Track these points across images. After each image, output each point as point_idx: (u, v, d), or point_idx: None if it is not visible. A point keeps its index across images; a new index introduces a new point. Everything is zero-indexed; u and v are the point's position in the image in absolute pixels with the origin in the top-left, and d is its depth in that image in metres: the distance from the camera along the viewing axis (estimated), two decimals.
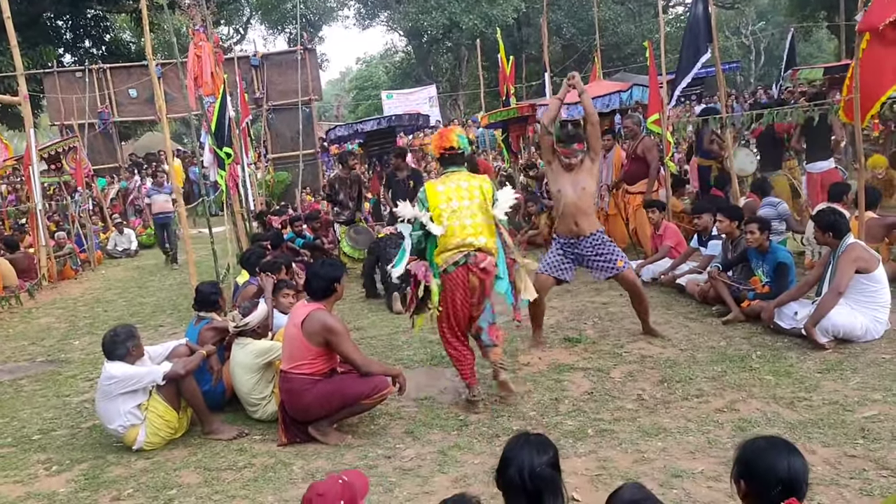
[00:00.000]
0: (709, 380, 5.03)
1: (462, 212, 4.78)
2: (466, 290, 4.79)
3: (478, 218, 4.79)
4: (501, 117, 14.03)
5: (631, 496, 2.26)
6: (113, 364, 4.70)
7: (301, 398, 4.55)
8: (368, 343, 6.78)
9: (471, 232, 4.75)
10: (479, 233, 4.76)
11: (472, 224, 4.77)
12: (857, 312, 5.37)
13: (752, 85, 37.32)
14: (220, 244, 9.72)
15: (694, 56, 8.57)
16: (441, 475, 4.02)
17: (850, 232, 5.57)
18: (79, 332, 8.64)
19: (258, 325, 5.18)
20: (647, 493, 2.30)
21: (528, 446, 2.52)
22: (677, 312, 6.74)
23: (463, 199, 4.81)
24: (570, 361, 5.72)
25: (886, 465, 3.63)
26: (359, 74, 53.84)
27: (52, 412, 5.77)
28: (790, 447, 2.33)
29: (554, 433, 4.43)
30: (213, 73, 9.27)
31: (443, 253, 4.78)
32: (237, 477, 4.25)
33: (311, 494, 2.55)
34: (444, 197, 4.82)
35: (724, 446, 4.02)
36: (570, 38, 32.78)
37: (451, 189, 4.86)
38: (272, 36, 42.04)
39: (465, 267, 4.74)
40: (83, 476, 4.45)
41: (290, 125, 21.22)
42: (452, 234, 4.76)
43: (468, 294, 4.80)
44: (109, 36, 27.20)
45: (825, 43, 42.09)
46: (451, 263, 4.75)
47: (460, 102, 36.12)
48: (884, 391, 4.51)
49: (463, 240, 4.74)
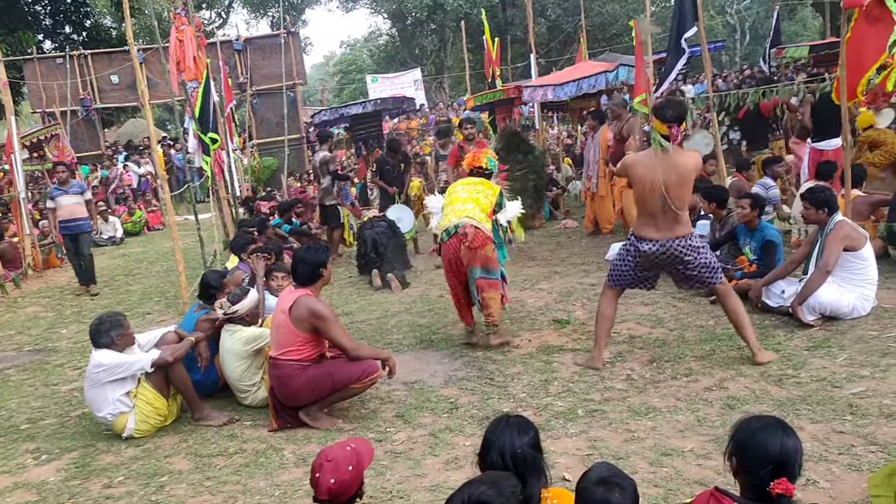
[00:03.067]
0: (697, 359, 5.06)
1: (460, 196, 5.73)
2: (458, 258, 5.57)
3: (469, 204, 5.64)
4: (488, 99, 14.00)
5: (599, 475, 2.27)
6: (100, 352, 4.67)
7: (290, 384, 4.53)
8: (357, 328, 6.77)
9: (460, 209, 5.62)
10: (464, 210, 5.60)
11: (465, 198, 5.68)
12: (844, 290, 5.39)
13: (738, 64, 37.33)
14: (207, 231, 9.66)
15: (679, 32, 8.54)
16: (432, 458, 4.03)
17: (838, 210, 5.59)
18: (66, 320, 8.57)
19: (247, 312, 5.14)
20: (615, 470, 2.31)
21: (508, 428, 2.53)
22: (665, 293, 6.75)
23: (465, 191, 5.77)
24: (559, 343, 5.74)
25: (874, 441, 3.66)
26: (343, 58, 53.44)
27: (40, 401, 5.73)
28: (785, 428, 2.33)
29: (544, 414, 4.45)
30: (196, 57, 9.16)
31: (440, 228, 5.76)
32: (228, 463, 4.24)
33: (321, 460, 2.63)
34: (454, 189, 5.90)
35: (714, 424, 4.05)
36: (556, 19, 32.61)
37: (463, 182, 5.93)
38: (255, 20, 41.64)
39: (456, 237, 5.53)
40: (73, 465, 4.42)
41: (274, 110, 21.08)
42: (448, 217, 5.69)
43: (460, 260, 5.57)
44: (90, 21, 26.79)
45: (810, 21, 42.09)
46: (444, 232, 5.64)
47: (446, 85, 35.94)
48: (871, 367, 4.55)
49: (451, 218, 5.63)
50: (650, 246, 4.80)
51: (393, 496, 3.64)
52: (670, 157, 4.70)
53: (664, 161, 4.70)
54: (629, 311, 6.30)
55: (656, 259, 4.84)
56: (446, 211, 5.77)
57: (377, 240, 8.65)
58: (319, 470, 2.61)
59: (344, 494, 2.59)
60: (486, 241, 5.50)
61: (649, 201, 4.76)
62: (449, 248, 5.60)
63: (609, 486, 2.22)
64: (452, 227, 5.55)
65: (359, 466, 2.64)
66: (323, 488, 2.59)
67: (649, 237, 4.80)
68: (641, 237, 4.84)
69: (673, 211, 4.70)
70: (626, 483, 2.24)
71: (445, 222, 5.68)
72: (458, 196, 5.75)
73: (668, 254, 4.79)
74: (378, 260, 8.62)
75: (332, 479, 2.57)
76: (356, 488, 2.63)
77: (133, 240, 16.00)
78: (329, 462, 2.60)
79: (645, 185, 4.74)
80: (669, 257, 4.80)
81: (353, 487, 2.61)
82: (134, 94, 19.63)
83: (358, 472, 2.63)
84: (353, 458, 2.64)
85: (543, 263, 8.58)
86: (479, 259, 5.51)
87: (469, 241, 5.44)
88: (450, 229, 5.58)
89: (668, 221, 4.75)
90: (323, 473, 2.59)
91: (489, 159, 5.96)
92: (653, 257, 4.83)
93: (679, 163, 4.71)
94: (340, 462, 2.60)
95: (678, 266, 4.87)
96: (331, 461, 2.60)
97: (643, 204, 4.84)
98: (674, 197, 4.68)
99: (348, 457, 2.63)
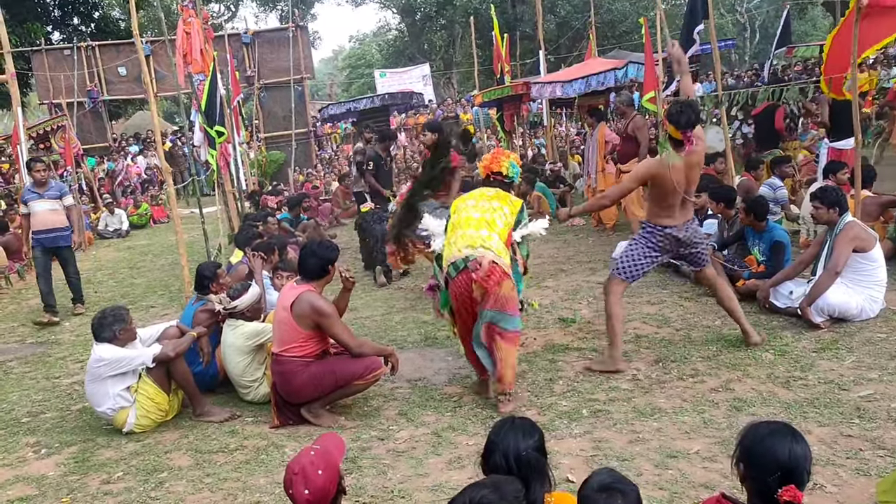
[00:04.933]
0: (704, 359, 5.00)
1: (469, 221, 4.63)
2: (471, 297, 4.53)
3: (483, 225, 4.60)
4: (496, 96, 13.92)
5: (601, 481, 2.22)
6: (102, 346, 4.64)
7: (293, 380, 4.50)
8: (362, 324, 6.73)
9: (468, 239, 4.55)
10: (480, 238, 4.54)
11: (478, 235, 4.55)
12: (853, 291, 5.33)
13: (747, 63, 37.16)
14: (212, 224, 9.63)
15: (689, 28, 8.48)
16: (435, 457, 3.99)
17: (847, 211, 5.53)
18: (69, 313, 8.55)
19: (248, 308, 5.10)
20: (618, 476, 2.26)
21: (513, 430, 2.49)
22: (672, 292, 6.71)
23: (476, 209, 4.69)
24: (564, 341, 5.69)
25: (883, 445, 3.61)
26: (352, 53, 53.44)
27: (41, 394, 5.71)
28: (794, 434, 2.28)
29: (548, 414, 4.40)
30: (203, 50, 9.13)
31: (445, 260, 4.69)
32: (229, 459, 4.21)
33: (289, 475, 2.54)
34: (462, 206, 4.77)
35: (720, 426, 4.00)
36: (565, 16, 32.49)
37: (474, 195, 4.84)
38: (264, 13, 41.71)
39: (465, 273, 4.49)
40: (72, 459, 4.40)
41: (282, 104, 21.05)
42: (450, 243, 4.67)
43: (472, 300, 4.55)
44: (98, 13, 26.80)
45: (819, 21, 41.88)
46: (451, 265, 4.58)
47: (454, 81, 35.90)
48: (879, 370, 4.49)
49: (460, 247, 4.55)
50: (674, 231, 4.96)
51: (394, 496, 3.60)
52: (689, 158, 4.80)
53: (686, 163, 4.80)
54: (635, 310, 6.25)
55: (680, 241, 5.01)
56: (454, 235, 4.65)
57: (381, 251, 8.49)
58: (291, 485, 2.51)
59: (324, 499, 2.51)
60: (503, 278, 4.46)
61: (671, 198, 4.90)
62: (458, 284, 4.54)
63: (611, 493, 2.17)
64: (461, 261, 4.50)
65: (329, 467, 2.53)
66: (301, 501, 2.49)
67: (672, 224, 4.96)
68: (665, 225, 4.97)
69: (687, 200, 4.94)
70: (629, 489, 2.20)
71: (453, 251, 4.59)
72: (470, 216, 4.65)
73: (689, 234, 5.00)
74: (383, 257, 8.54)
75: (306, 489, 2.48)
76: (334, 489, 2.55)
77: (139, 232, 15.99)
78: (297, 475, 2.49)
79: (667, 187, 4.85)
80: (689, 237, 5.00)
81: (331, 489, 2.53)
82: (141, 87, 19.57)
83: (330, 474, 2.52)
84: (319, 461, 2.53)
85: (550, 261, 8.53)
86: (493, 300, 4.46)
87: (481, 277, 4.41)
88: (458, 263, 4.52)
89: (684, 209, 4.98)
90: (295, 487, 2.49)
91: (511, 164, 4.94)
92: (676, 240, 5.00)
93: (692, 161, 4.84)
94: (308, 470, 2.49)
95: (690, 247, 5.05)
96: (298, 473, 2.49)
97: (664, 200, 4.95)
98: (690, 191, 4.95)
99: (315, 462, 2.52)
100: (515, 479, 2.25)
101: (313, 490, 2.50)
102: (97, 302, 8.73)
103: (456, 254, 4.55)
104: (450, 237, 4.69)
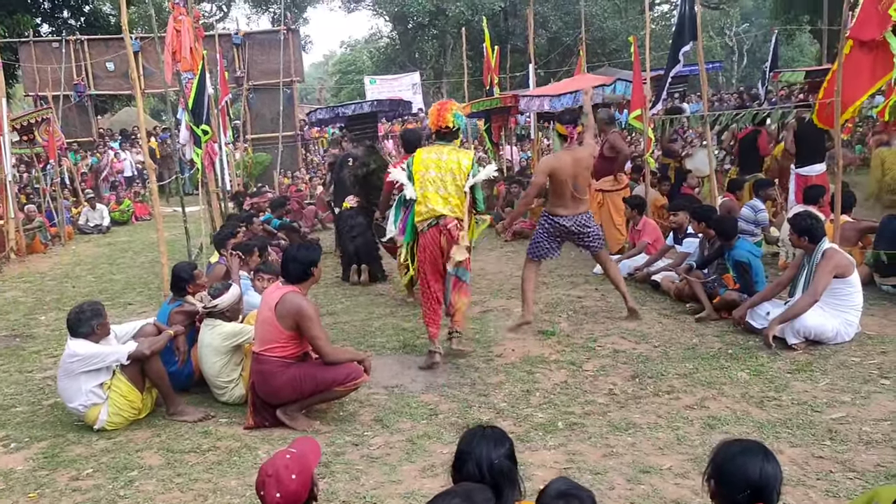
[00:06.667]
0: (680, 376, 5.03)
1: (435, 182, 5.46)
2: (438, 247, 5.50)
3: (449, 188, 5.45)
4: (484, 107, 13.94)
5: (558, 488, 2.24)
6: (76, 341, 4.59)
7: (272, 381, 4.47)
8: (341, 328, 6.71)
9: (440, 201, 5.43)
10: (447, 202, 5.44)
11: (443, 194, 5.44)
12: (829, 315, 5.38)
13: (735, 85, 37.60)
14: (194, 223, 9.56)
15: (676, 49, 8.56)
16: (409, 464, 3.98)
17: (825, 236, 5.58)
18: (45, 307, 8.46)
19: (228, 307, 5.07)
20: (574, 484, 2.29)
21: (484, 440, 2.49)
22: (651, 308, 6.74)
23: (439, 171, 5.47)
24: (543, 354, 5.70)
25: (853, 468, 3.64)
26: (343, 58, 53.38)
27: (13, 388, 5.63)
28: (766, 453, 2.30)
29: (524, 425, 4.41)
30: (193, 48, 9.09)
31: (418, 216, 5.55)
32: (201, 460, 4.17)
33: (262, 477, 2.53)
34: (424, 166, 5.52)
35: (693, 443, 4.02)
36: (556, 32, 32.68)
37: (432, 160, 5.51)
38: (256, 15, 41.54)
39: (436, 228, 5.46)
40: (42, 454, 4.34)
41: (270, 106, 20.97)
42: (424, 201, 5.47)
43: (439, 250, 5.50)
44: (89, 7, 26.61)
45: (807, 47, 42.40)
46: (425, 225, 5.50)
47: (444, 90, 35.92)
48: (852, 393, 4.54)
49: (434, 206, 5.43)
50: (563, 220, 6.16)
51: (367, 502, 3.59)
52: (575, 153, 6.09)
53: (572, 157, 6.06)
54: (614, 325, 6.28)
55: (569, 229, 6.19)
56: (424, 194, 5.46)
57: (359, 249, 8.59)
58: (263, 487, 2.49)
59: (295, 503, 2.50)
60: (461, 228, 5.48)
61: (562, 190, 6.10)
62: (428, 238, 5.50)
63: (568, 499, 2.20)
64: (434, 220, 5.45)
65: (303, 472, 2.52)
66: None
67: (564, 214, 6.17)
68: (557, 215, 6.19)
69: (577, 195, 6.12)
70: (585, 495, 2.22)
71: (425, 211, 5.46)
72: (431, 178, 5.44)
73: (576, 224, 6.17)
74: (357, 256, 8.65)
75: (277, 493, 2.47)
76: (306, 494, 2.53)
77: (120, 229, 15.86)
78: (270, 477, 2.48)
79: (560, 179, 6.06)
80: (576, 226, 6.17)
81: (303, 494, 2.50)
82: (129, 82, 19.46)
83: (304, 479, 2.51)
84: (294, 465, 2.52)
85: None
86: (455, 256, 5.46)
87: (452, 235, 5.42)
88: (431, 221, 5.46)
89: (575, 203, 6.15)
90: (267, 489, 2.47)
91: (455, 115, 5.58)
92: (566, 228, 6.18)
93: (578, 158, 6.09)
94: (282, 473, 2.48)
95: (581, 236, 6.24)
96: (271, 475, 2.48)
97: (557, 193, 6.15)
98: (579, 187, 6.12)
99: (289, 465, 2.51)
100: (486, 488, 2.25)
101: (285, 494, 2.48)
102: (73, 297, 8.63)
103: (428, 213, 5.47)
104: (421, 195, 5.49)
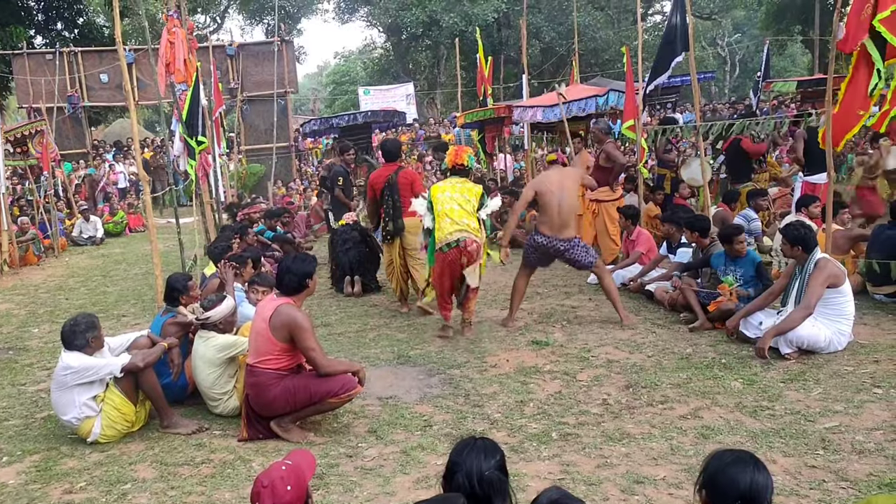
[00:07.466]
0: (674, 386, 5.04)
1: (453, 211, 6.24)
2: (458, 265, 6.26)
3: (465, 207, 6.26)
4: (478, 117, 14.00)
5: (550, 497, 2.24)
6: (70, 354, 4.58)
7: (267, 393, 4.47)
8: (336, 339, 6.71)
9: (458, 225, 6.19)
10: (465, 225, 6.20)
11: (459, 219, 6.21)
12: (822, 324, 5.40)
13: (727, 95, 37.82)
14: (188, 235, 9.56)
15: (668, 57, 8.60)
16: (403, 476, 3.98)
17: (817, 246, 5.60)
18: (38, 319, 8.44)
19: (221, 319, 5.06)
20: (567, 494, 2.28)
21: (475, 451, 2.49)
22: (645, 318, 6.76)
23: (454, 201, 6.30)
24: (537, 364, 5.71)
25: (846, 477, 3.65)
26: (336, 69, 53.52)
27: (6, 401, 5.61)
28: (757, 463, 2.31)
29: (518, 436, 4.41)
30: (186, 60, 9.11)
31: (438, 240, 6.28)
32: (194, 473, 4.16)
33: (257, 488, 2.51)
34: (441, 197, 6.33)
35: (687, 453, 4.03)
36: (549, 42, 32.86)
37: (448, 188, 6.39)
38: (249, 26, 41.66)
39: (457, 248, 6.20)
40: (34, 468, 4.32)
41: (264, 117, 21.02)
42: (442, 227, 6.22)
43: (459, 267, 6.26)
44: (83, 19, 26.63)
45: (799, 57, 42.74)
46: (444, 245, 6.22)
47: (437, 101, 36.07)
48: (845, 402, 4.55)
49: (452, 231, 6.17)
50: (540, 239, 6.57)
51: None
52: (562, 172, 6.72)
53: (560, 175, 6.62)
54: (608, 335, 6.30)
55: (545, 248, 6.59)
56: (442, 221, 6.24)
57: (352, 263, 8.64)
58: (258, 498, 2.48)
59: None
60: (480, 249, 6.35)
61: (548, 210, 6.49)
62: (449, 256, 6.25)
63: None
64: (454, 241, 6.19)
65: (299, 484, 2.51)
66: None
67: (544, 233, 6.55)
68: (539, 232, 6.61)
69: (563, 217, 6.49)
70: None
71: (445, 234, 6.21)
72: (453, 208, 6.27)
73: (550, 246, 6.55)
74: (352, 269, 8.70)
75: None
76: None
77: (114, 240, 15.83)
78: (265, 488, 2.47)
79: (545, 200, 6.48)
80: (550, 248, 6.57)
81: None
82: (123, 94, 19.46)
83: (299, 491, 2.50)
84: (290, 476, 2.51)
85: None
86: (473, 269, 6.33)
87: (472, 256, 6.23)
88: (451, 242, 6.21)
89: (561, 225, 6.50)
90: (262, 501, 2.46)
91: (470, 157, 6.63)
92: (542, 246, 6.59)
93: (564, 177, 6.59)
94: (277, 485, 2.47)
95: (558, 255, 6.63)
96: (267, 487, 2.47)
97: (543, 211, 6.54)
98: (563, 210, 6.47)
99: (285, 477, 2.50)
100: (460, 496, 2.26)
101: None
102: (67, 309, 8.61)
103: (448, 236, 6.21)
104: (440, 221, 6.27)
